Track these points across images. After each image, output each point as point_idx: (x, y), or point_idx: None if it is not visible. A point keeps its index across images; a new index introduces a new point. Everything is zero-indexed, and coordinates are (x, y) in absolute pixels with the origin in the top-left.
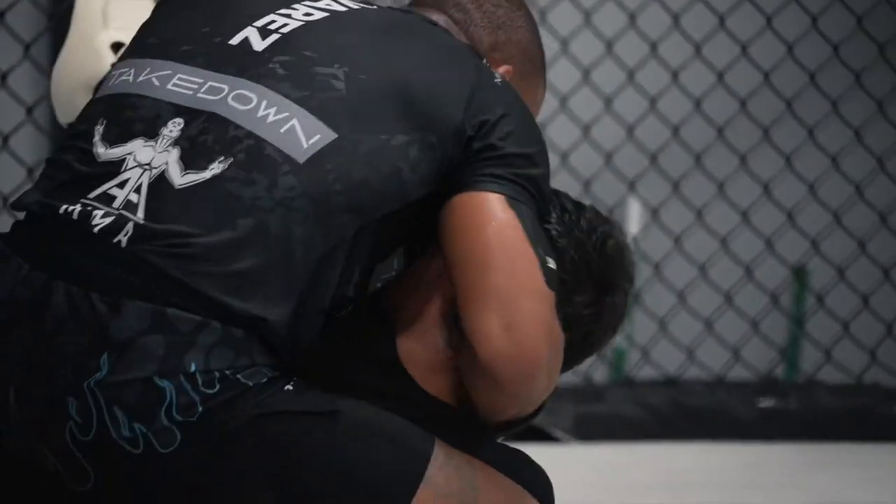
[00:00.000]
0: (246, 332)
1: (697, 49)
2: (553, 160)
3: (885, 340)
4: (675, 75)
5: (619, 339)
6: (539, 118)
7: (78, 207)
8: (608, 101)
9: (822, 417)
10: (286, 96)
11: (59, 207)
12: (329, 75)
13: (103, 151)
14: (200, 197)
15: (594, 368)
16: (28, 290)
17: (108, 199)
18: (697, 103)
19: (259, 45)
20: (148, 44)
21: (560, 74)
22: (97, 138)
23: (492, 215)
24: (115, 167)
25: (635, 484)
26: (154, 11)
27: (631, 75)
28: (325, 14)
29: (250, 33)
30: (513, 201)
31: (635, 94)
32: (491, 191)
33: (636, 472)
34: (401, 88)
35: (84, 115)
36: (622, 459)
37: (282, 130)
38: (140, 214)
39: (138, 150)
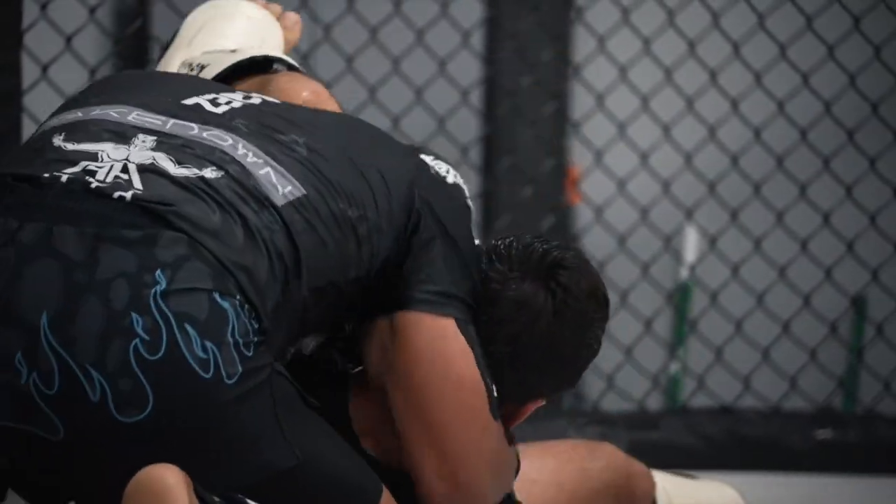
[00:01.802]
0: (250, 301)
1: (757, 78)
2: (610, 188)
3: None
4: (734, 104)
5: (673, 368)
6: (598, 144)
7: (64, 176)
8: (666, 129)
9: (881, 450)
10: (258, 147)
11: (39, 176)
12: (290, 141)
13: (71, 146)
14: (198, 188)
15: (649, 396)
16: (31, 235)
17: (91, 172)
18: (757, 133)
19: (214, 109)
20: (89, 100)
21: (619, 102)
22: (59, 142)
23: (443, 348)
24: (89, 156)
25: None
26: (87, 87)
27: (690, 103)
28: (261, 100)
29: (201, 100)
30: (462, 324)
31: (694, 123)
32: (441, 314)
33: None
34: (351, 169)
35: (24, 146)
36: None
37: (261, 172)
38: (138, 186)
39: (111, 150)
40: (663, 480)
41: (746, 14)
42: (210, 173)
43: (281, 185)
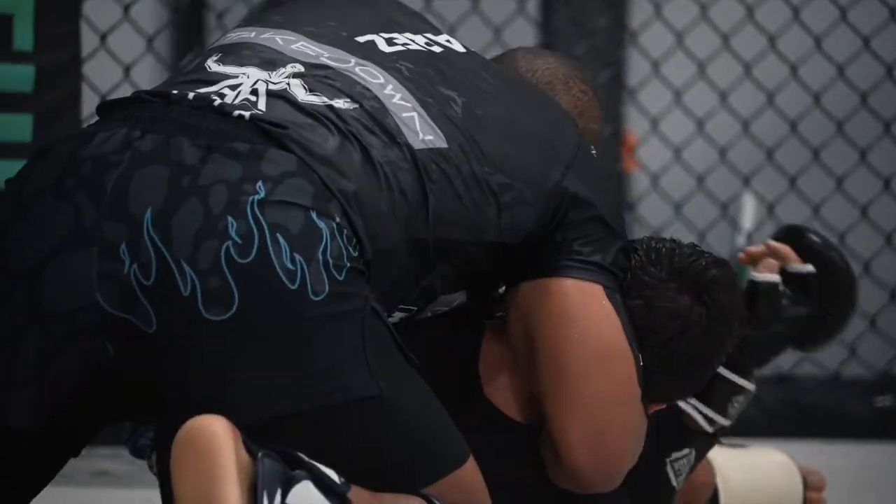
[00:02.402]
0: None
1: (817, 42)
2: (667, 155)
3: None
4: (793, 69)
5: None
6: (654, 111)
7: (191, 94)
8: (724, 95)
9: None
10: (411, 93)
11: (169, 93)
12: (448, 97)
13: (216, 67)
14: (322, 115)
15: None
16: (149, 144)
17: (222, 95)
18: (816, 98)
19: (385, 48)
20: (272, 19)
21: (675, 68)
22: (210, 62)
23: (592, 311)
24: (228, 78)
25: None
26: (275, 6)
27: (748, 69)
28: (444, 48)
29: (376, 38)
30: (609, 292)
31: (752, 88)
32: (590, 280)
33: None
34: (508, 138)
35: (192, 61)
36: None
37: (403, 115)
38: (261, 108)
39: (252, 73)
40: (713, 454)
41: None
42: (341, 104)
43: (423, 132)
